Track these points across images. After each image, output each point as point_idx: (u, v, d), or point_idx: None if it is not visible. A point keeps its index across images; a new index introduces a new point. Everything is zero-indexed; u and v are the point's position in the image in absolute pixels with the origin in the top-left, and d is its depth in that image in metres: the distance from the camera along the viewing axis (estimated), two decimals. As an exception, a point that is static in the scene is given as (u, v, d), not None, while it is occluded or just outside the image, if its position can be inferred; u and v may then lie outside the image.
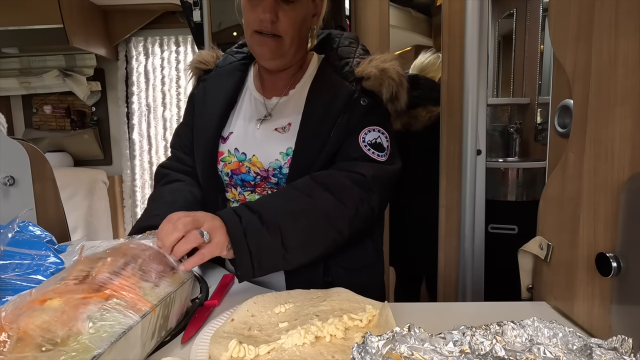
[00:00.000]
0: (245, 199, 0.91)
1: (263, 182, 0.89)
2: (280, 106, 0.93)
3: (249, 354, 0.54)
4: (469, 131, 1.53)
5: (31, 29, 2.67)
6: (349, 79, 0.87)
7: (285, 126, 0.89)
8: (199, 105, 0.98)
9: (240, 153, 0.90)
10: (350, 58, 0.90)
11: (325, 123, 0.85)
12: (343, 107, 0.85)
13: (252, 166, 0.88)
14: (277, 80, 0.94)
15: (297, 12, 0.83)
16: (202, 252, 0.68)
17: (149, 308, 0.53)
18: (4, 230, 0.71)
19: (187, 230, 0.67)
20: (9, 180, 1.09)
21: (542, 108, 2.06)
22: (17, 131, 3.37)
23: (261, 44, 0.85)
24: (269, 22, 0.81)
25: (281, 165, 0.86)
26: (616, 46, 0.58)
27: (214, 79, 0.98)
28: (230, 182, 0.92)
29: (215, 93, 0.96)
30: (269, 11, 0.81)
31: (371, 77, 0.85)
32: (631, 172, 0.57)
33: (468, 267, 1.60)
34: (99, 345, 0.44)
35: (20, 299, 0.48)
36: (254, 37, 0.85)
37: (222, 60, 1.01)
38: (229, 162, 0.91)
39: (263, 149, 0.88)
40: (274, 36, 0.83)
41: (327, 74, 0.90)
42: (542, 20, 2.03)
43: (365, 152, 0.84)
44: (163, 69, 3.32)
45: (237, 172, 0.90)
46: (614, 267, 0.57)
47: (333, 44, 0.94)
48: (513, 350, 0.41)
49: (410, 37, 2.46)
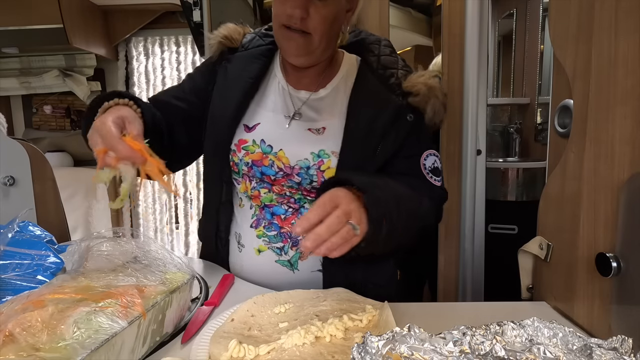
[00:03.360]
0: (259, 195, 0.88)
1: (284, 178, 0.85)
2: (311, 103, 0.89)
3: (249, 354, 0.54)
4: (469, 131, 1.53)
5: (31, 29, 2.67)
6: (395, 91, 0.86)
7: (320, 129, 0.86)
8: (219, 86, 0.92)
9: (266, 145, 0.86)
10: (395, 69, 0.88)
11: (372, 136, 0.83)
12: (391, 122, 0.84)
13: (277, 160, 0.85)
14: (304, 76, 0.90)
15: (329, 9, 0.79)
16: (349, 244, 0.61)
17: (139, 313, 0.52)
18: (4, 230, 0.71)
19: (342, 225, 0.60)
20: (9, 180, 1.09)
21: (542, 108, 2.06)
22: (17, 131, 3.37)
23: (288, 39, 0.81)
24: (298, 18, 0.77)
25: (309, 166, 0.83)
26: (616, 46, 0.58)
27: (239, 61, 0.92)
28: (249, 172, 0.88)
29: (237, 77, 0.91)
30: (300, 7, 0.76)
31: (420, 94, 0.84)
32: (631, 172, 0.57)
33: (468, 267, 1.60)
34: (80, 351, 0.43)
35: (17, 301, 0.48)
36: (281, 30, 0.81)
37: (248, 40, 0.95)
38: (251, 152, 0.86)
39: (292, 146, 0.85)
40: (302, 32, 0.79)
41: (371, 82, 0.88)
42: (542, 20, 2.03)
43: (428, 178, 0.86)
44: (163, 69, 3.32)
45: (258, 164, 0.86)
46: (614, 267, 0.57)
47: (374, 50, 0.91)
48: (513, 350, 0.41)
49: (410, 37, 2.46)
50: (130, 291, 0.54)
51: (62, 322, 0.45)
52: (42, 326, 0.44)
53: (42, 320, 0.45)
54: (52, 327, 0.44)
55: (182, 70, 3.30)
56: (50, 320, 0.45)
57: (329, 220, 0.59)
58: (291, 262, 0.87)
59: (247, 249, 0.89)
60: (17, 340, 0.43)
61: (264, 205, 0.88)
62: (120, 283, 0.56)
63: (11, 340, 0.43)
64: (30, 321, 0.45)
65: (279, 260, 0.87)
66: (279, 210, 0.87)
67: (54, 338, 0.44)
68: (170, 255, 0.68)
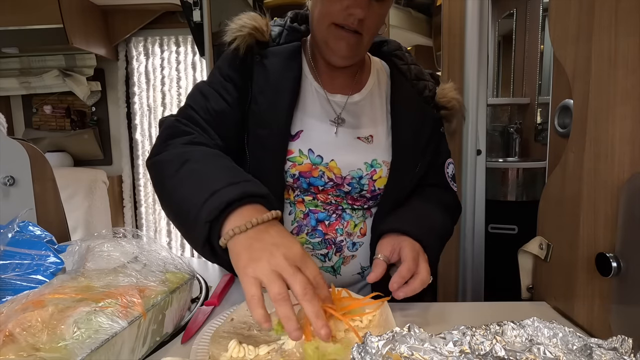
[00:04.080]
0: (302, 201, 0.83)
1: (333, 189, 0.82)
2: (350, 109, 0.86)
3: (249, 354, 0.54)
4: (469, 131, 1.53)
5: (31, 29, 2.66)
6: (429, 103, 0.88)
7: (368, 137, 0.85)
8: (262, 86, 0.80)
9: (315, 155, 0.80)
10: (425, 80, 0.90)
11: (417, 147, 0.86)
12: (431, 134, 0.87)
13: (328, 171, 0.80)
14: (336, 77, 0.87)
15: (384, 10, 0.77)
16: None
17: (139, 313, 0.52)
18: (4, 230, 0.71)
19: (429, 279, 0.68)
20: (9, 180, 1.09)
21: (542, 108, 2.07)
22: (17, 131, 3.37)
23: (340, 39, 0.76)
24: (358, 19, 0.73)
25: (362, 176, 0.81)
26: (616, 46, 0.58)
27: (275, 57, 0.82)
28: (294, 184, 0.81)
29: (281, 77, 0.81)
30: (362, 7, 0.72)
31: (454, 109, 0.89)
32: (631, 172, 0.57)
33: (468, 267, 1.60)
34: (80, 351, 0.43)
35: (17, 301, 0.48)
36: (332, 29, 0.76)
37: (277, 34, 0.85)
38: (299, 163, 0.79)
39: (345, 156, 0.81)
40: (354, 32, 0.76)
41: (407, 92, 0.88)
42: (542, 20, 2.03)
43: (451, 186, 0.92)
44: (163, 69, 3.32)
45: (306, 175, 0.80)
46: (614, 267, 0.57)
47: (401, 57, 0.92)
48: (513, 350, 0.41)
49: (410, 37, 2.46)
50: (130, 291, 0.54)
51: (62, 322, 0.45)
52: (42, 326, 0.44)
53: (42, 320, 0.45)
54: (52, 327, 0.44)
55: (182, 70, 3.30)
56: (50, 320, 0.45)
57: (423, 277, 0.67)
58: (334, 268, 0.84)
59: None
60: (17, 340, 0.43)
61: (309, 211, 0.84)
62: (120, 283, 0.56)
63: (11, 340, 0.43)
64: (31, 321, 0.45)
65: (322, 267, 0.84)
66: (324, 217, 0.84)
67: (54, 338, 0.44)
68: (170, 255, 0.68)
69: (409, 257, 0.68)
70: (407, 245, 0.71)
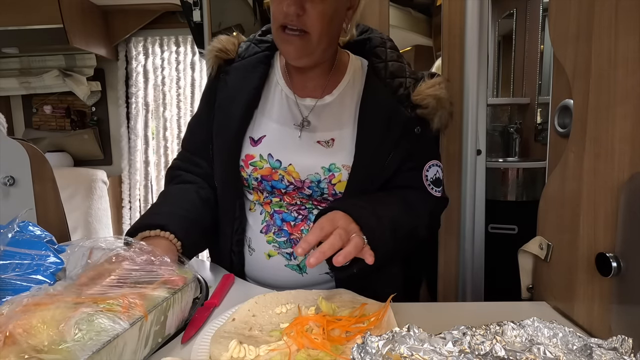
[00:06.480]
0: (270, 203, 0.88)
1: (295, 191, 0.85)
2: (318, 111, 0.87)
3: (250, 354, 0.54)
4: (469, 131, 1.53)
5: (31, 29, 2.66)
6: (404, 103, 0.85)
7: (329, 140, 0.85)
8: (220, 100, 0.90)
9: (274, 160, 0.84)
10: (403, 77, 0.86)
11: (382, 150, 0.83)
12: (400, 135, 0.84)
13: (287, 175, 0.84)
14: (308, 80, 0.88)
15: (326, 5, 0.76)
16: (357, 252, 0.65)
17: (141, 314, 0.52)
18: (4, 230, 0.71)
19: (343, 242, 0.65)
20: (9, 180, 1.09)
21: (542, 108, 2.06)
22: (17, 131, 3.37)
23: (286, 42, 0.79)
24: (294, 15, 0.75)
25: (320, 180, 0.83)
26: (616, 46, 0.58)
27: (237, 71, 0.90)
28: (259, 186, 0.87)
29: (239, 88, 0.88)
30: (294, 3, 0.74)
31: (429, 107, 0.84)
32: (631, 172, 0.57)
33: (468, 267, 1.60)
34: (81, 353, 0.43)
35: (17, 302, 0.48)
36: (279, 33, 0.79)
37: (244, 49, 0.92)
38: (260, 167, 0.85)
39: (303, 160, 0.83)
40: (300, 33, 0.77)
41: (379, 92, 0.85)
42: (542, 20, 2.03)
43: (429, 190, 0.88)
44: (163, 69, 3.31)
45: (268, 179, 0.85)
46: (614, 267, 0.57)
47: (380, 55, 0.89)
48: (513, 350, 0.41)
49: (410, 37, 2.45)
50: (131, 292, 0.54)
51: (63, 324, 0.45)
52: (43, 327, 0.44)
53: (43, 321, 0.45)
54: (54, 328, 0.44)
55: (182, 70, 3.29)
56: (51, 322, 0.45)
57: (332, 238, 0.63)
58: (300, 267, 0.87)
59: (257, 253, 0.89)
60: (18, 342, 0.42)
61: (274, 212, 0.88)
62: (121, 284, 0.56)
63: (12, 341, 0.42)
64: (31, 322, 0.44)
65: (288, 264, 0.87)
66: (289, 217, 0.87)
67: (55, 339, 0.43)
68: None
69: (318, 223, 0.67)
70: (331, 214, 0.70)
